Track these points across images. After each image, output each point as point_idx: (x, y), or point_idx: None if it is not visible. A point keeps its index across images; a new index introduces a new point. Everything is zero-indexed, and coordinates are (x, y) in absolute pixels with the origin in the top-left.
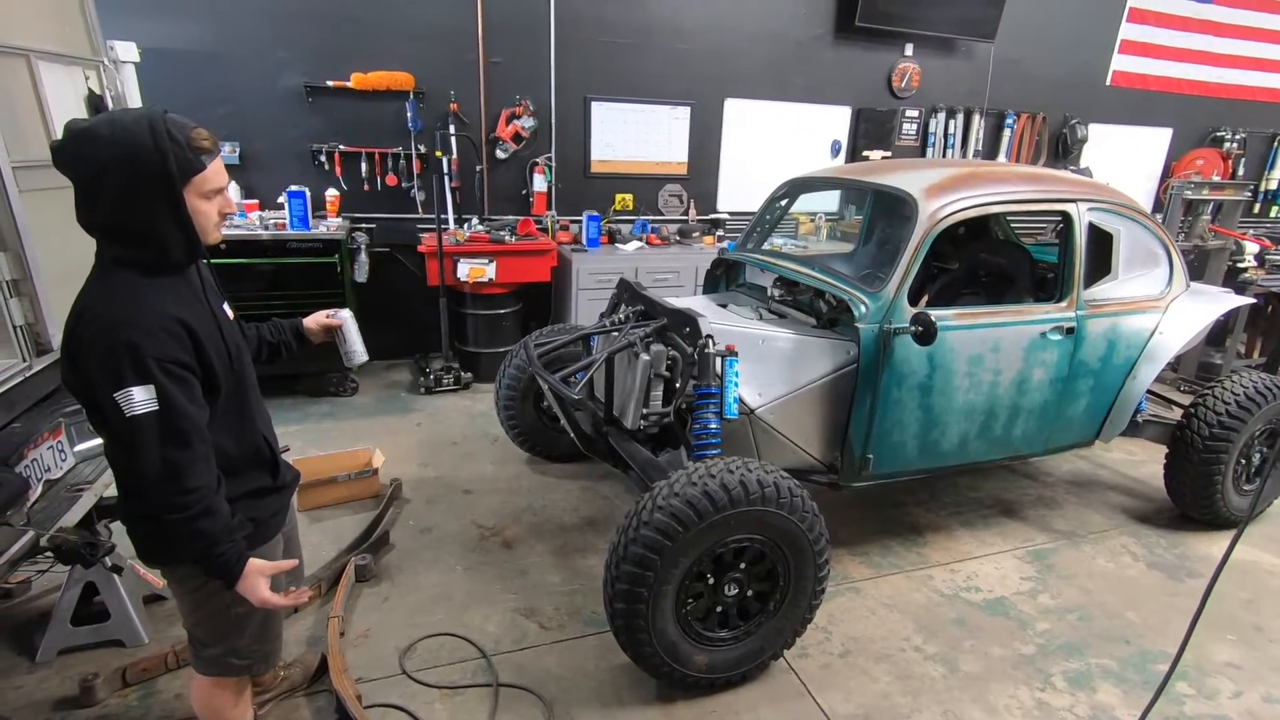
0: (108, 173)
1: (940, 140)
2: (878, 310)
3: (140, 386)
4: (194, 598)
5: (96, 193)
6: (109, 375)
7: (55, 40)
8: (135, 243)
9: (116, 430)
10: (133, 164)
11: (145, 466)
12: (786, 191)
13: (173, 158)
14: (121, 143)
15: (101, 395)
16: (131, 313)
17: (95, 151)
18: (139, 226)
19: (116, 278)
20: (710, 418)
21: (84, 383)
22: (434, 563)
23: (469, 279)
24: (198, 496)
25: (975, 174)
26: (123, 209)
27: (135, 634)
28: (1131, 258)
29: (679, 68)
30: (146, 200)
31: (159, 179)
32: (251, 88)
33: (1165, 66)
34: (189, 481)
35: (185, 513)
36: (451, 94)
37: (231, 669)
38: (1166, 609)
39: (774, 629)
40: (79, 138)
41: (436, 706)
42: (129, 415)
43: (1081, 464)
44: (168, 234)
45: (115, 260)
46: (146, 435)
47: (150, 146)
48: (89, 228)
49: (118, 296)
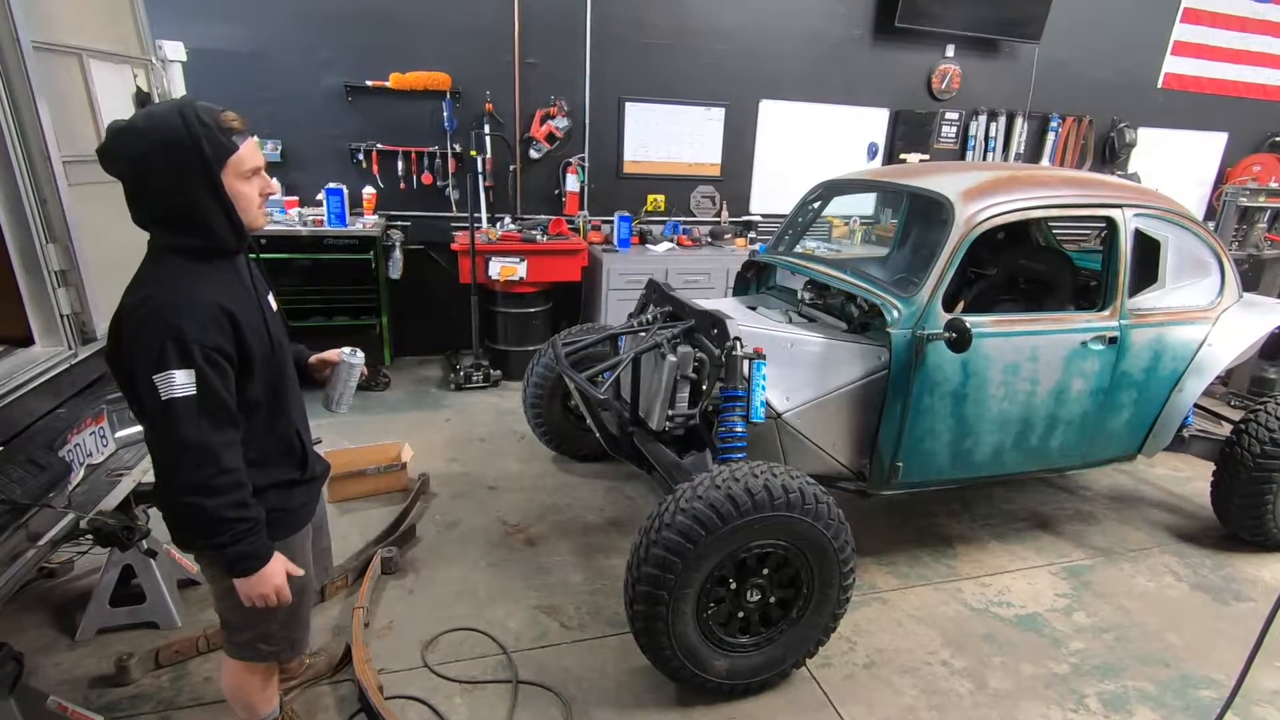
0: (149, 162)
1: (981, 144)
2: (910, 315)
3: (182, 370)
4: (228, 581)
5: (144, 184)
6: (152, 357)
7: (106, 40)
8: (184, 228)
9: (153, 411)
10: (169, 149)
11: (179, 448)
12: (820, 194)
13: (205, 140)
14: (157, 132)
15: (142, 376)
16: (180, 298)
17: (136, 145)
18: (184, 210)
19: (169, 264)
20: (736, 421)
21: (127, 362)
22: (458, 557)
23: (500, 277)
24: (227, 480)
25: (1015, 177)
26: (167, 195)
27: (169, 617)
28: (1180, 266)
29: (714, 68)
30: (187, 183)
31: (196, 161)
32: (293, 87)
33: (1221, 69)
34: (221, 464)
35: (214, 497)
36: (487, 94)
37: (261, 654)
38: (1210, 632)
39: (796, 637)
40: (119, 136)
41: (456, 700)
42: (166, 398)
43: (1123, 479)
44: (212, 216)
45: (168, 248)
46: (182, 417)
47: (183, 132)
48: (142, 222)
49: (168, 283)
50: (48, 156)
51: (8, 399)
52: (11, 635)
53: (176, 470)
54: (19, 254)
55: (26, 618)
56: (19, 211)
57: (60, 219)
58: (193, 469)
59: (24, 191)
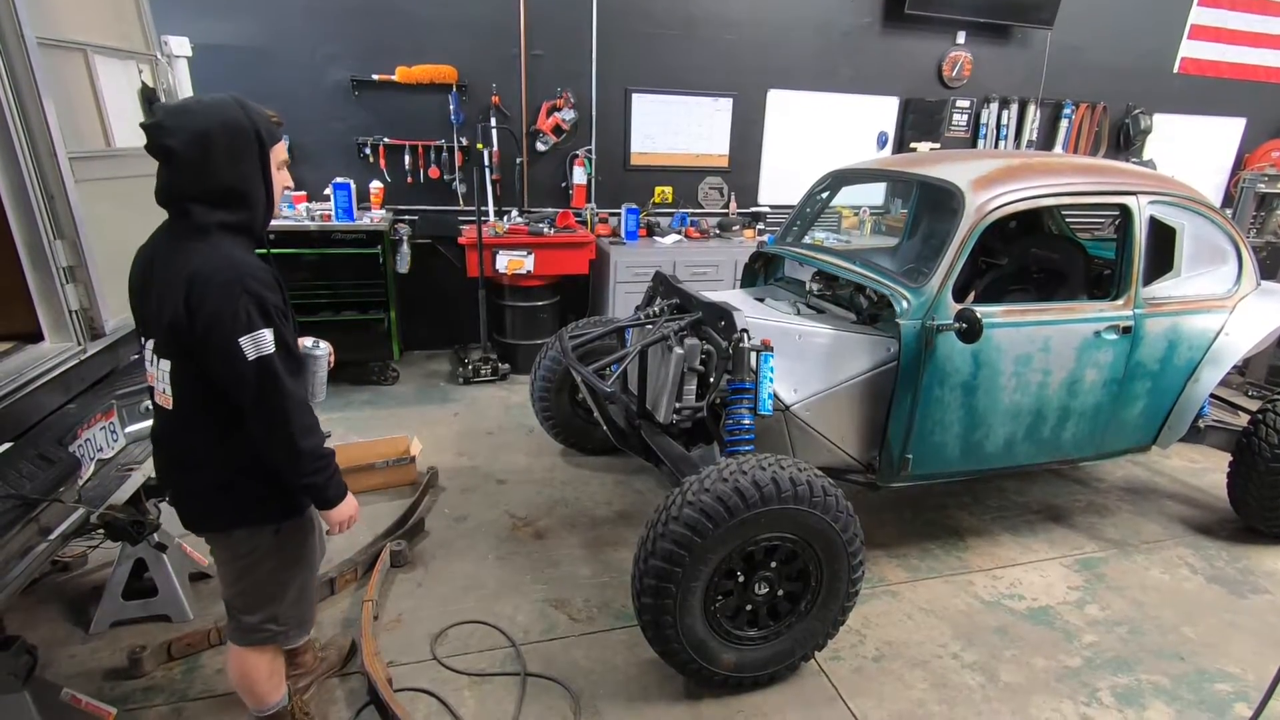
0: (210, 139)
1: (992, 132)
2: (920, 306)
3: (267, 329)
4: (242, 564)
5: (203, 159)
6: (239, 321)
7: (111, 35)
8: (234, 204)
9: (245, 372)
10: (231, 128)
11: (284, 398)
12: (828, 184)
13: (260, 126)
14: (219, 113)
15: (228, 338)
16: (247, 266)
17: (199, 121)
18: (239, 185)
19: (222, 240)
20: (744, 413)
21: (203, 328)
22: (467, 551)
23: (508, 271)
24: (315, 422)
25: (1027, 165)
26: (229, 169)
27: (181, 610)
28: (1196, 254)
29: (721, 59)
30: (246, 160)
31: (254, 141)
32: (299, 82)
33: (1239, 53)
34: (308, 407)
35: (315, 436)
36: (493, 87)
37: (270, 635)
38: (1226, 626)
39: (805, 630)
40: (174, 113)
41: (465, 693)
42: (258, 355)
43: (1137, 470)
44: (258, 194)
45: (217, 225)
46: (279, 371)
47: (243, 115)
48: (187, 195)
49: (229, 255)
50: (54, 153)
51: (18, 395)
52: (26, 628)
53: (287, 419)
54: (27, 250)
55: (41, 611)
56: (26, 208)
57: (68, 215)
58: (299, 414)
59: (31, 188)
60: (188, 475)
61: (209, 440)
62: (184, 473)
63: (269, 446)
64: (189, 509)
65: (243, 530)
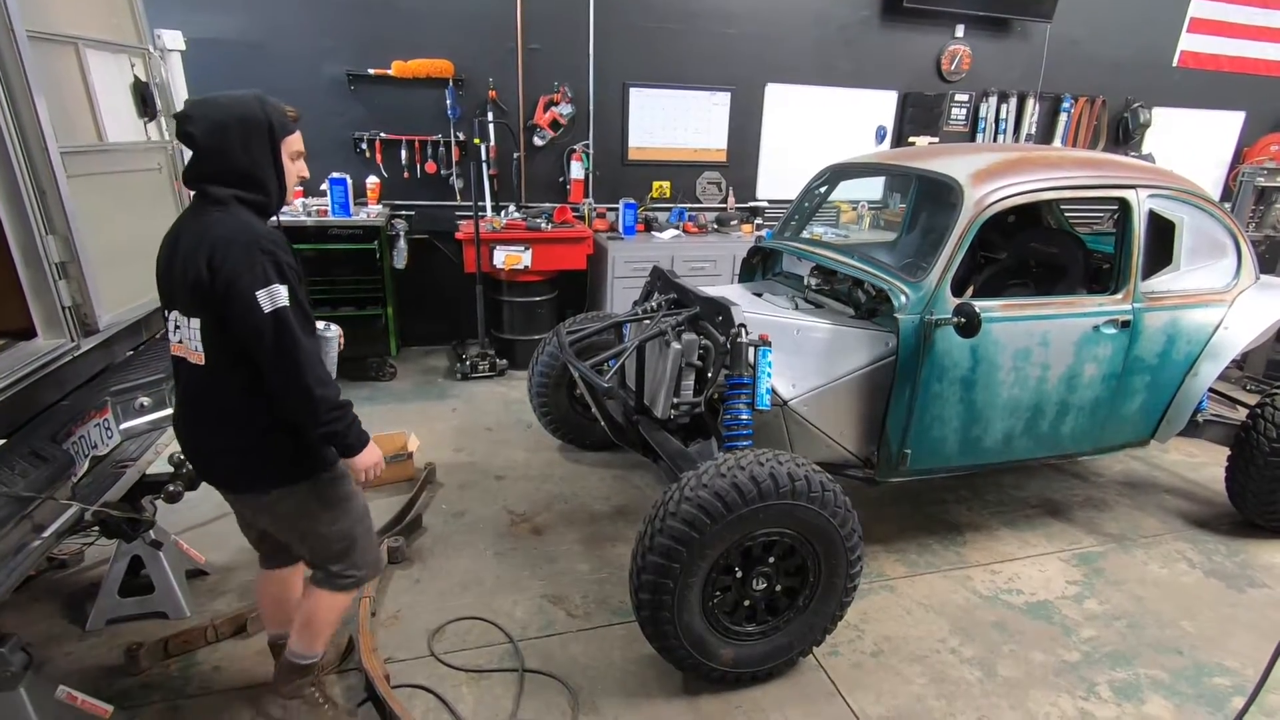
0: (229, 129)
1: (991, 125)
2: (918, 300)
3: (282, 285)
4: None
5: (222, 144)
6: (256, 276)
7: (103, 29)
8: (250, 184)
9: (262, 324)
10: (248, 121)
11: (295, 348)
12: (826, 178)
13: (274, 119)
14: (237, 106)
15: (246, 293)
16: (263, 230)
17: (218, 113)
18: (252, 170)
19: (238, 210)
20: (741, 408)
21: (226, 286)
22: (465, 547)
23: (505, 266)
24: (327, 374)
25: (1025, 159)
26: (242, 155)
27: (178, 607)
28: (1195, 248)
29: (719, 52)
30: (257, 148)
31: (266, 133)
32: (295, 76)
33: (1239, 46)
34: (319, 359)
35: (328, 386)
36: (490, 81)
37: (355, 581)
38: (1225, 620)
39: (803, 625)
40: (203, 104)
41: (463, 689)
42: (273, 308)
43: (1136, 465)
44: (270, 179)
45: (234, 199)
46: (292, 322)
47: (259, 110)
48: (207, 177)
49: (247, 221)
50: (45, 147)
51: (10, 391)
52: (23, 626)
53: (299, 368)
54: (19, 246)
55: (37, 608)
56: (18, 204)
57: (60, 211)
58: (310, 364)
59: (22, 183)
60: (219, 431)
61: (239, 395)
62: (215, 428)
63: (287, 396)
64: (221, 467)
65: (278, 490)
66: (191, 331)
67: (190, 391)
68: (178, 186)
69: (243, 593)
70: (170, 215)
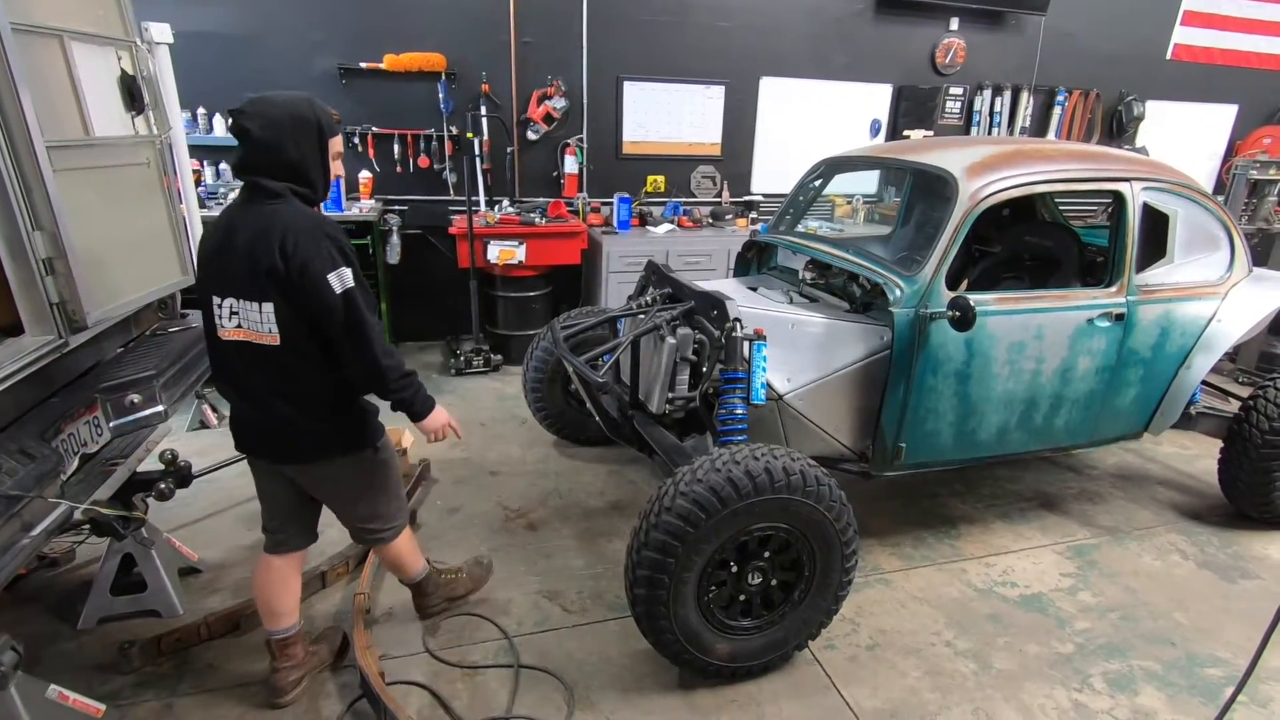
0: (283, 126)
1: (985, 119)
2: (913, 294)
3: (347, 268)
4: (358, 488)
5: (277, 140)
6: (326, 260)
7: (88, 21)
8: (300, 178)
9: (334, 304)
10: (300, 120)
11: (365, 324)
12: (821, 172)
13: (322, 120)
14: (291, 105)
15: (319, 276)
16: (323, 218)
17: (274, 111)
18: (302, 165)
19: (296, 202)
20: (736, 403)
21: (300, 272)
22: (460, 543)
23: (499, 261)
24: (391, 347)
25: (1020, 152)
26: (294, 151)
27: (171, 605)
28: (1189, 240)
29: (713, 46)
30: (307, 146)
31: (316, 132)
32: (285, 70)
33: (1232, 39)
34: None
35: (395, 358)
36: (483, 75)
37: (397, 530)
38: (1218, 611)
39: (799, 619)
40: (259, 102)
41: (458, 685)
42: (344, 289)
43: (1129, 457)
44: (318, 175)
45: (288, 191)
46: (360, 302)
47: (310, 110)
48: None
49: (307, 211)
50: (31, 142)
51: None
52: (14, 625)
53: (369, 342)
54: (5, 242)
55: (29, 607)
56: (3, 199)
57: (46, 206)
58: (377, 338)
59: (7, 178)
60: (294, 407)
61: (314, 372)
62: (290, 404)
63: (358, 368)
64: (294, 440)
65: (346, 457)
66: (263, 315)
67: (260, 372)
68: (167, 182)
69: (236, 590)
70: (159, 211)
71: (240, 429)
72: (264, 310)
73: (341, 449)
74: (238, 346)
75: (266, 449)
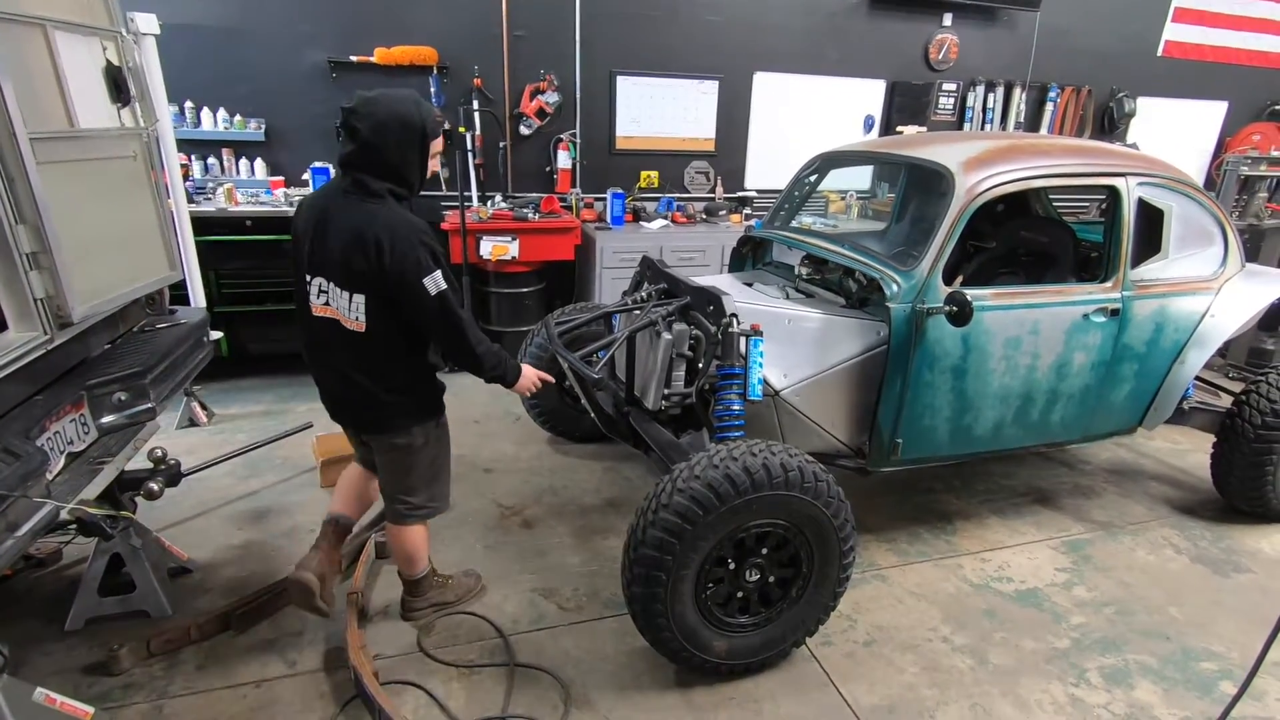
0: (389, 129)
1: (979, 115)
2: (910, 289)
3: (439, 270)
4: (417, 454)
5: (382, 141)
6: (421, 264)
7: (73, 10)
8: (399, 179)
9: (430, 304)
10: (405, 122)
11: (460, 321)
12: (816, 166)
13: (426, 123)
14: (399, 106)
15: (414, 278)
16: (417, 221)
17: (382, 112)
18: (401, 167)
19: (391, 202)
20: (733, 399)
21: (397, 275)
22: (454, 541)
23: (492, 257)
24: (482, 334)
25: (1016, 146)
26: (395, 153)
27: (160, 606)
28: (1183, 236)
29: (707, 40)
30: (409, 148)
31: (419, 136)
32: (275, 63)
33: (1222, 36)
34: (476, 325)
35: (486, 344)
36: (475, 69)
37: (430, 512)
38: (1211, 605)
39: (796, 616)
40: (369, 102)
41: (454, 685)
42: (438, 290)
43: (1122, 452)
44: (415, 177)
45: (386, 191)
46: (453, 301)
47: (415, 113)
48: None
49: (404, 215)
50: (13, 134)
51: None
52: (0, 627)
53: (464, 336)
54: None
55: (16, 608)
56: None
57: (30, 199)
58: (470, 330)
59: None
60: (373, 384)
61: (394, 357)
62: (369, 382)
63: (458, 358)
64: (371, 413)
65: (419, 426)
66: (352, 305)
67: (345, 351)
68: (154, 176)
69: (227, 590)
70: (146, 205)
71: (327, 400)
72: (354, 300)
73: (414, 419)
74: (326, 323)
75: (349, 418)
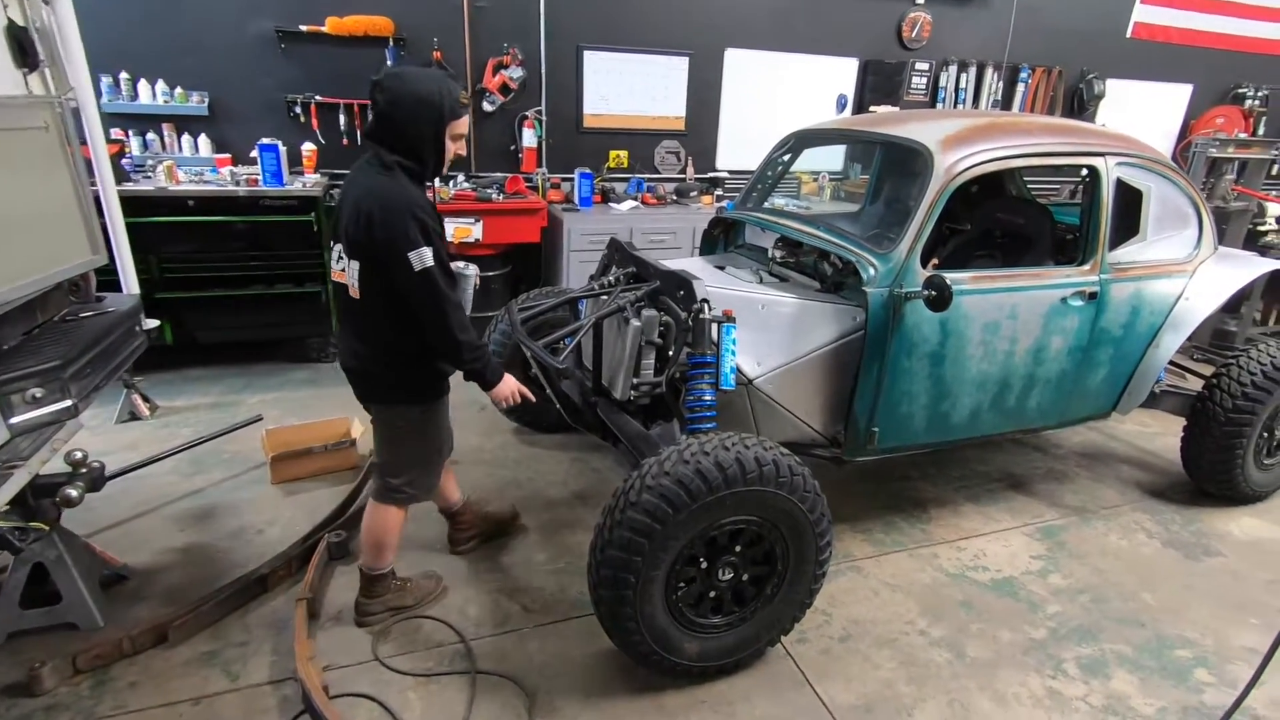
0: (404, 104)
1: (951, 95)
2: (888, 273)
3: (428, 247)
4: (397, 433)
5: (396, 115)
6: (408, 238)
7: None
8: (410, 154)
9: (412, 280)
10: (423, 99)
11: (443, 301)
12: (790, 146)
13: (446, 103)
14: (419, 83)
15: (399, 252)
16: (416, 196)
17: (401, 87)
18: (415, 143)
19: (398, 175)
20: (705, 389)
21: (384, 245)
22: (413, 539)
23: (455, 240)
24: (467, 321)
25: (995, 124)
26: (409, 128)
27: (89, 617)
28: (1161, 218)
29: (677, 15)
30: (425, 125)
31: (437, 114)
32: (218, 32)
33: (1189, 18)
34: (462, 311)
35: (469, 332)
36: (435, 41)
37: (408, 498)
38: (1183, 590)
39: (771, 615)
40: (394, 76)
41: (410, 695)
42: (422, 268)
43: (1093, 436)
44: (428, 154)
45: (397, 165)
46: (438, 280)
47: (436, 91)
48: (378, 139)
49: (405, 187)
50: None
51: None
52: None
53: (445, 317)
54: None
55: None
56: None
57: None
58: (454, 313)
59: None
60: (366, 351)
61: (387, 327)
62: (364, 348)
63: (434, 339)
64: (366, 379)
65: (402, 405)
66: (350, 270)
67: (351, 318)
68: (73, 150)
69: (167, 597)
70: (64, 182)
71: (343, 368)
72: (352, 266)
73: (400, 398)
74: (341, 289)
75: (354, 386)
